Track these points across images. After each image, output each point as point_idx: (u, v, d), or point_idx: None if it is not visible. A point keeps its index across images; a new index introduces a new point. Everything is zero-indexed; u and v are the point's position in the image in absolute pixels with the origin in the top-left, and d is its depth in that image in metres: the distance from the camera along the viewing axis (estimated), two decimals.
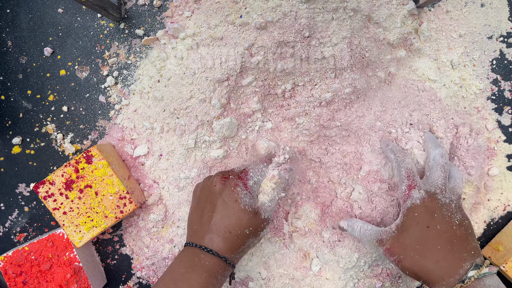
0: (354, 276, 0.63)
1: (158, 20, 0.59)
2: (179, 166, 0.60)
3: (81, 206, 0.56)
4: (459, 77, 0.59)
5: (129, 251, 0.64)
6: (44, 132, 0.62)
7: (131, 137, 0.61)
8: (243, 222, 0.48)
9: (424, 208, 0.47)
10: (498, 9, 0.59)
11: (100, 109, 0.61)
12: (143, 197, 0.60)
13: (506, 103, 0.61)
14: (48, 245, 0.57)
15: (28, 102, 0.61)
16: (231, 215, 0.48)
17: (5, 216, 0.63)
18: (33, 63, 0.61)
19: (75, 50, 0.61)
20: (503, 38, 0.60)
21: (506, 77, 0.61)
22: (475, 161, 0.61)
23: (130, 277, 0.65)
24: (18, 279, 0.56)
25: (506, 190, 0.63)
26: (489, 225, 0.64)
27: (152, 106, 0.60)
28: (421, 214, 0.47)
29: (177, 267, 0.48)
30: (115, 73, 0.61)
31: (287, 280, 0.65)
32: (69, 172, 0.55)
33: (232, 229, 0.48)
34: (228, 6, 0.55)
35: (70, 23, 0.60)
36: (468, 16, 0.58)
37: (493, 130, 0.61)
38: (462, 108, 0.60)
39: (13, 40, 0.60)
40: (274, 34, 0.54)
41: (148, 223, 0.62)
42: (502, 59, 0.60)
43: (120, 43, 0.60)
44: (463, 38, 0.59)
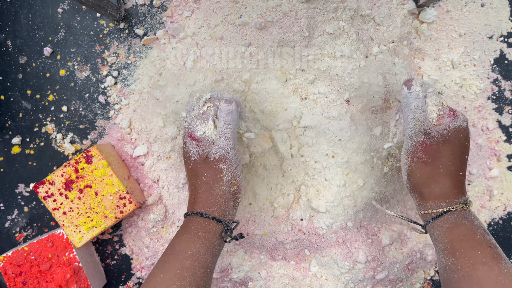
0: (354, 278, 0.63)
1: (158, 20, 0.59)
2: (179, 166, 0.60)
3: (81, 206, 0.56)
4: (460, 77, 0.59)
5: (129, 251, 0.64)
6: (44, 132, 0.62)
7: (131, 137, 0.61)
8: (198, 172, 0.49)
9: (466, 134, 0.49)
10: (498, 9, 0.58)
11: (100, 109, 0.61)
12: (143, 197, 0.60)
13: (506, 103, 0.61)
14: (48, 245, 0.57)
15: (28, 102, 0.61)
16: (187, 171, 0.50)
17: (5, 216, 0.63)
18: (33, 63, 0.61)
19: (75, 50, 0.60)
20: (503, 38, 0.60)
21: (506, 77, 0.60)
22: (476, 161, 0.61)
23: (130, 277, 0.65)
24: (18, 279, 0.56)
25: (506, 190, 0.63)
26: (490, 225, 0.64)
27: (152, 106, 0.60)
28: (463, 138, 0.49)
29: (172, 240, 0.49)
30: (114, 73, 0.60)
31: (287, 280, 0.65)
32: (69, 172, 0.55)
33: (195, 184, 0.49)
34: (228, 6, 0.55)
35: (70, 23, 0.60)
36: (469, 16, 0.58)
37: (493, 130, 0.61)
38: (463, 108, 0.60)
39: (13, 40, 0.60)
40: (274, 34, 0.54)
41: (147, 223, 0.62)
42: (502, 59, 0.60)
43: (119, 43, 0.60)
44: (464, 38, 0.59)
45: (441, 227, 0.46)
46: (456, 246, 0.44)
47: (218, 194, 0.49)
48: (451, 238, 0.45)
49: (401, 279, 0.64)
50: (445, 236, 0.46)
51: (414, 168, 0.49)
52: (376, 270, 0.63)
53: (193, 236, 0.47)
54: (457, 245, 0.44)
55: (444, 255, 0.45)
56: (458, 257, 0.43)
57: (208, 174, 0.49)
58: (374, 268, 0.62)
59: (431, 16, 0.56)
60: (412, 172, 0.49)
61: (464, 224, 0.45)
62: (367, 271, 0.63)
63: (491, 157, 0.62)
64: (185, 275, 0.44)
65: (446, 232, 0.46)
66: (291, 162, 0.59)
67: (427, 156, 0.48)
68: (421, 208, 0.49)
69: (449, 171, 0.47)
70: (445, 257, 0.45)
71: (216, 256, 0.48)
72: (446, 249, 0.45)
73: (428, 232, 0.50)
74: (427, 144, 0.48)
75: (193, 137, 0.50)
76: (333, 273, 0.63)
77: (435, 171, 0.48)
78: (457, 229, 0.45)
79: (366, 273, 0.63)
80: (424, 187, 0.48)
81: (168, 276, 0.44)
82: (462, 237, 0.45)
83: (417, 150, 0.48)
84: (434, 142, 0.48)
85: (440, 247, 0.46)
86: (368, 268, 0.62)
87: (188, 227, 0.48)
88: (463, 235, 0.45)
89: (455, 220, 0.46)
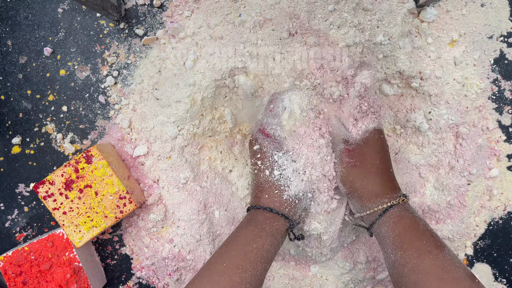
0: (355, 278, 0.63)
1: (158, 20, 0.59)
2: (179, 166, 0.60)
3: (81, 206, 0.56)
4: (461, 76, 0.59)
5: (129, 251, 0.64)
6: (44, 132, 0.62)
7: (131, 137, 0.61)
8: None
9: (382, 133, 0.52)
10: (498, 9, 0.58)
11: (100, 109, 0.61)
12: (143, 197, 0.60)
13: (506, 103, 0.61)
14: (48, 245, 0.57)
15: (28, 102, 0.61)
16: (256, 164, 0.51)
17: (5, 216, 0.63)
18: (33, 63, 0.61)
19: (75, 50, 0.60)
20: (503, 37, 0.60)
21: (506, 77, 0.60)
22: (476, 161, 0.61)
23: (130, 277, 0.65)
24: (18, 279, 0.56)
25: (506, 190, 0.63)
26: (490, 225, 0.64)
27: (152, 106, 0.60)
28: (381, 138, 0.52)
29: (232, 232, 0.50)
30: (115, 73, 0.60)
31: (287, 280, 0.65)
32: (69, 172, 0.55)
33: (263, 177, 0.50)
34: (228, 5, 0.55)
35: (70, 23, 0.60)
36: (468, 15, 0.58)
37: (493, 130, 0.61)
38: (465, 107, 0.60)
39: (13, 40, 0.60)
40: (274, 32, 0.54)
41: (148, 223, 0.61)
42: (502, 59, 0.60)
43: (120, 43, 0.60)
44: (463, 37, 0.59)
45: (388, 223, 0.48)
46: (403, 238, 0.46)
47: None
48: (398, 232, 0.46)
49: None
50: (392, 230, 0.47)
51: (346, 173, 0.51)
52: (377, 270, 0.63)
53: (259, 230, 0.47)
54: (404, 238, 0.46)
55: (392, 250, 0.46)
56: (406, 249, 0.45)
57: None
58: (375, 268, 0.62)
59: (431, 15, 0.56)
60: (344, 177, 0.51)
61: (408, 216, 0.47)
62: (368, 272, 0.63)
63: (491, 157, 0.62)
64: (248, 267, 0.45)
65: (393, 226, 0.47)
66: None
67: (354, 160, 0.50)
68: (364, 210, 0.50)
69: (379, 169, 0.50)
70: (394, 252, 0.46)
71: (276, 253, 0.49)
72: (395, 243, 0.46)
73: (373, 234, 0.51)
74: (349, 150, 0.50)
75: (266, 133, 0.52)
76: (334, 273, 0.63)
77: (366, 172, 0.50)
78: (402, 221, 0.47)
79: (367, 274, 0.63)
80: (361, 188, 0.50)
81: (231, 266, 0.44)
82: (407, 228, 0.46)
83: (343, 156, 0.51)
84: (355, 146, 0.50)
85: (388, 243, 0.47)
86: (368, 268, 0.62)
87: (255, 221, 0.48)
88: (408, 226, 0.46)
89: (400, 213, 0.48)
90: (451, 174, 0.60)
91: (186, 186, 0.60)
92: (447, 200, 0.61)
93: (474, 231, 0.64)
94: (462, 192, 0.62)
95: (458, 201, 0.61)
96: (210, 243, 0.61)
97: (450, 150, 0.60)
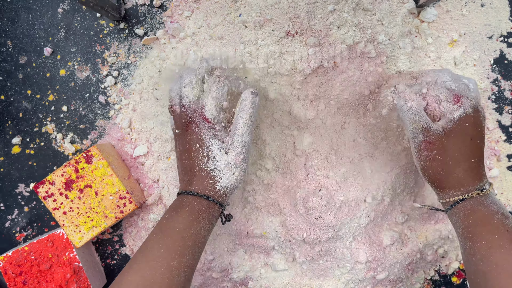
0: (355, 278, 0.63)
1: (158, 20, 0.59)
2: None
3: (81, 206, 0.56)
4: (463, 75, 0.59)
5: (129, 251, 0.64)
6: (44, 132, 0.62)
7: (131, 137, 0.61)
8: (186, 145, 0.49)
9: (473, 119, 0.48)
10: (498, 9, 0.58)
11: (100, 109, 0.61)
12: (143, 197, 0.60)
13: (506, 103, 0.61)
14: (48, 245, 0.57)
15: (28, 102, 0.61)
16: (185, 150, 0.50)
17: (5, 216, 0.63)
18: (33, 63, 0.61)
19: (75, 50, 0.60)
20: (503, 38, 0.60)
21: (506, 77, 0.60)
22: None
23: None
24: (18, 279, 0.56)
25: (506, 190, 0.63)
26: None
27: (152, 106, 0.60)
28: (470, 125, 0.48)
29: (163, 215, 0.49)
30: (115, 73, 0.60)
31: (287, 280, 0.65)
32: (69, 172, 0.55)
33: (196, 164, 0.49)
34: (228, 6, 0.55)
35: (70, 23, 0.60)
36: (468, 16, 0.58)
37: (493, 130, 0.61)
38: None
39: (13, 40, 0.60)
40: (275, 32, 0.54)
41: (148, 223, 0.62)
42: (502, 59, 0.60)
43: (120, 43, 0.60)
44: (463, 38, 0.59)
45: (458, 214, 0.47)
46: (472, 231, 0.45)
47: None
48: (468, 224, 0.46)
49: (401, 279, 0.64)
50: (462, 222, 0.47)
51: (425, 166, 0.50)
52: (377, 270, 0.63)
53: (196, 216, 0.47)
54: (473, 230, 0.45)
55: (462, 239, 0.46)
56: (475, 241, 0.44)
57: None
58: (375, 268, 0.62)
59: (431, 15, 0.56)
60: (424, 170, 0.50)
61: (480, 210, 0.46)
62: (368, 271, 0.63)
63: (491, 157, 0.62)
64: (186, 252, 0.45)
65: (463, 218, 0.47)
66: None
67: (432, 154, 0.48)
68: (440, 198, 0.50)
69: (459, 161, 0.48)
70: (463, 241, 0.46)
71: (209, 235, 0.50)
72: (464, 234, 0.46)
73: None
74: (429, 142, 0.48)
75: (206, 118, 0.49)
76: (334, 273, 0.63)
77: (445, 165, 0.48)
78: (473, 215, 0.46)
79: (367, 273, 0.63)
80: (438, 180, 0.49)
81: (169, 251, 0.45)
82: (478, 222, 0.45)
83: (421, 149, 0.49)
84: (436, 138, 0.48)
85: (459, 233, 0.47)
86: (368, 268, 0.62)
87: (190, 207, 0.48)
88: (480, 221, 0.45)
89: (471, 207, 0.47)
90: None
91: None
92: None
93: None
94: None
95: None
96: (210, 243, 0.61)
97: None
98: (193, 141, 0.49)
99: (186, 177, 0.50)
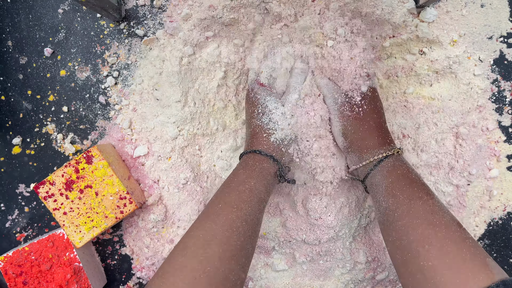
0: (355, 278, 0.63)
1: (158, 20, 0.59)
2: (179, 166, 0.60)
3: (81, 206, 0.56)
4: None
5: (129, 251, 0.64)
6: (44, 132, 0.62)
7: (131, 138, 0.61)
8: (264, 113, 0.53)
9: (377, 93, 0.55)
10: (498, 10, 0.58)
11: (100, 109, 0.61)
12: (143, 197, 0.60)
13: (506, 104, 0.61)
14: (48, 245, 0.57)
15: (28, 102, 0.61)
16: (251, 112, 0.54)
17: (6, 216, 0.63)
18: (33, 63, 0.61)
19: (75, 50, 0.61)
20: (503, 38, 0.60)
21: (506, 77, 0.60)
22: (475, 161, 0.61)
23: (130, 277, 0.65)
24: (18, 279, 0.56)
25: (506, 190, 0.63)
26: (489, 225, 0.64)
27: (152, 106, 0.60)
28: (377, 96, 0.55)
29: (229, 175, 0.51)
30: (115, 73, 0.61)
31: (287, 280, 0.65)
32: (69, 172, 0.55)
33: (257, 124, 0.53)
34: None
35: (70, 23, 0.60)
36: (468, 16, 0.58)
37: (493, 131, 0.61)
38: (467, 108, 0.60)
39: (13, 40, 0.60)
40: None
41: (148, 223, 0.62)
42: (502, 59, 0.60)
43: (120, 43, 0.60)
44: (463, 38, 0.59)
45: (382, 172, 0.50)
46: (395, 185, 0.47)
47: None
48: (391, 180, 0.48)
49: None
50: (386, 179, 0.49)
51: (347, 125, 0.53)
52: (377, 270, 0.63)
53: (250, 171, 0.50)
54: (396, 185, 0.47)
55: (384, 198, 0.48)
56: (397, 196, 0.46)
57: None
58: (375, 268, 0.62)
59: (431, 15, 0.56)
60: (346, 129, 0.53)
61: (401, 166, 0.49)
62: (368, 272, 0.63)
63: (490, 158, 0.62)
64: (242, 206, 0.46)
65: (387, 174, 0.49)
66: None
67: (354, 113, 0.52)
68: (362, 160, 0.52)
69: (377, 123, 0.52)
70: (385, 200, 0.48)
71: (269, 194, 0.51)
72: (387, 191, 0.48)
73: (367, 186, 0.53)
74: (351, 102, 0.53)
75: (261, 83, 0.56)
76: (334, 273, 0.63)
77: (365, 124, 0.52)
78: (395, 170, 0.49)
79: (367, 274, 0.63)
80: (360, 140, 0.52)
81: (226, 205, 0.46)
82: (400, 176, 0.48)
83: (344, 110, 0.53)
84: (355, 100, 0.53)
85: (380, 191, 0.49)
86: (368, 268, 0.63)
87: (245, 164, 0.51)
88: (401, 175, 0.48)
89: (394, 163, 0.50)
90: (450, 175, 0.60)
91: (186, 187, 0.60)
92: (446, 201, 0.61)
93: (474, 231, 0.64)
94: (462, 192, 0.62)
95: (458, 202, 0.62)
96: None
97: (450, 151, 0.60)
98: (251, 104, 0.54)
99: (247, 139, 0.54)
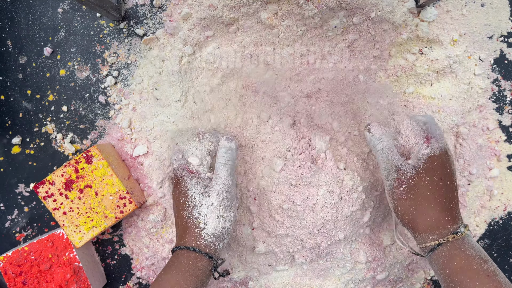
0: (355, 278, 0.63)
1: (158, 20, 0.59)
2: None
3: (81, 206, 0.56)
4: None
5: (129, 251, 0.64)
6: (44, 132, 0.62)
7: (131, 137, 0.61)
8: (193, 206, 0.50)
9: (441, 160, 0.48)
10: (498, 9, 0.58)
11: (100, 109, 0.61)
12: (143, 197, 0.60)
13: (506, 103, 0.61)
14: (48, 245, 0.57)
15: (28, 102, 0.61)
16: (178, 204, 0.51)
17: (5, 216, 0.63)
18: (33, 63, 0.61)
19: (75, 50, 0.60)
20: (503, 38, 0.60)
21: (506, 77, 0.60)
22: (476, 161, 0.61)
23: (130, 277, 0.65)
24: (18, 279, 0.56)
25: (506, 190, 0.63)
26: (490, 225, 0.64)
27: (152, 106, 0.60)
28: (438, 165, 0.48)
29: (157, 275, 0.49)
30: (114, 73, 0.60)
31: (287, 280, 0.65)
32: (69, 172, 0.55)
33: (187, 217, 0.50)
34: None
35: (70, 23, 0.60)
36: (469, 16, 0.58)
37: (493, 130, 0.61)
38: (467, 108, 0.60)
39: (13, 40, 0.60)
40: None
41: (147, 223, 0.62)
42: (502, 59, 0.60)
43: (119, 43, 0.60)
44: (464, 38, 0.58)
45: (437, 261, 0.46)
46: (454, 279, 0.44)
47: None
48: (448, 272, 0.45)
49: (401, 279, 0.64)
50: (442, 270, 0.46)
51: (397, 206, 0.49)
52: (377, 270, 0.63)
53: (183, 272, 0.46)
54: (454, 279, 0.44)
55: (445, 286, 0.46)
56: None
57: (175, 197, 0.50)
58: (375, 268, 0.62)
59: (431, 15, 0.56)
60: (396, 209, 0.49)
61: (459, 256, 0.45)
62: (368, 272, 0.63)
63: (491, 157, 0.62)
64: None
65: (443, 265, 0.46)
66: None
67: (404, 192, 0.48)
68: (418, 242, 0.49)
69: (431, 201, 0.47)
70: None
71: None
72: (446, 282, 0.45)
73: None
74: (401, 180, 0.48)
75: (190, 170, 0.52)
76: (334, 273, 0.63)
77: (417, 205, 0.48)
78: (452, 261, 0.45)
79: (367, 273, 0.63)
80: (412, 222, 0.48)
81: None
82: (458, 269, 0.44)
83: (394, 188, 0.49)
84: (408, 177, 0.48)
85: (441, 279, 0.46)
86: (368, 268, 0.62)
87: (177, 263, 0.47)
88: (459, 268, 0.44)
89: (449, 253, 0.46)
90: None
91: None
92: None
93: (474, 231, 0.64)
94: (462, 192, 0.62)
95: None
96: None
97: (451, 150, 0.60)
98: (181, 194, 0.51)
99: (178, 232, 0.51)
